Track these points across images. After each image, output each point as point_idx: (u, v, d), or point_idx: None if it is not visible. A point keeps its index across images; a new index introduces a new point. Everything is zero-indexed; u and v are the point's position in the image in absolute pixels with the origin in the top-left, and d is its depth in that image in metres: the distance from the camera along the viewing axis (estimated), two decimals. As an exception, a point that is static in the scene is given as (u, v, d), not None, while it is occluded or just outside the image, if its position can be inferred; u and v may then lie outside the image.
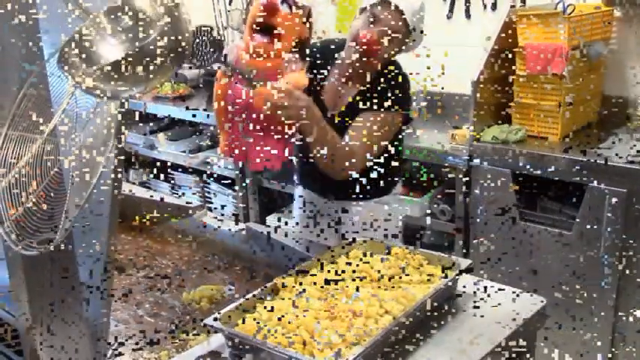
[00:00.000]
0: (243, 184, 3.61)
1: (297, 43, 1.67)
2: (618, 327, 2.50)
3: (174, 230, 2.30)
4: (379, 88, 1.98)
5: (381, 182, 1.97)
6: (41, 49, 0.97)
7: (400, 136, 2.13)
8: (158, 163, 4.22)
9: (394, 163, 2.11)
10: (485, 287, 1.60)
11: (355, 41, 1.95)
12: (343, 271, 1.56)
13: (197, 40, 1.20)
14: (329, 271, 1.57)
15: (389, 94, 1.94)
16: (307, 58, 1.72)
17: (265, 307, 1.42)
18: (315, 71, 1.99)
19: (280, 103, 1.57)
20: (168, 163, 4.08)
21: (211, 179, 3.87)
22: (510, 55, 2.71)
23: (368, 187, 1.86)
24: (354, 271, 1.55)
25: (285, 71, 1.65)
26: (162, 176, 4.23)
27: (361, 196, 1.96)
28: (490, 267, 2.76)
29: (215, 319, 1.36)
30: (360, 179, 1.80)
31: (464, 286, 1.59)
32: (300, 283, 1.53)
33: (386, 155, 1.92)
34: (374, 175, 1.83)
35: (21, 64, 0.97)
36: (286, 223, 2.48)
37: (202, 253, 2.14)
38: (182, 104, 4.03)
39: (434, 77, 3.55)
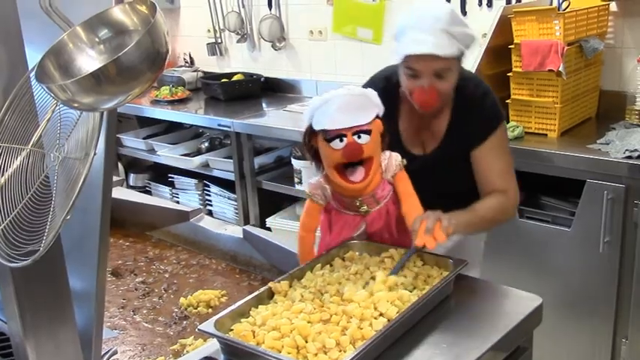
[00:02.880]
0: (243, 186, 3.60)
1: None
2: (619, 322, 2.49)
3: (172, 235, 2.31)
4: (468, 111, 1.82)
5: None
6: (25, 59, 0.97)
7: None
8: (158, 167, 4.23)
9: None
10: (482, 286, 1.59)
11: (412, 99, 1.77)
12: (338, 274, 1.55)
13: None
14: (323, 274, 1.57)
15: (481, 112, 1.83)
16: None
17: (259, 312, 1.41)
18: (386, 115, 1.73)
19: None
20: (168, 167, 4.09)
21: (211, 182, 3.87)
22: (506, 52, 2.70)
23: None
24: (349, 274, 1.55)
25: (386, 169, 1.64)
26: (162, 180, 4.24)
27: None
28: (489, 264, 2.75)
29: (209, 325, 1.36)
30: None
31: (460, 286, 1.58)
32: (295, 287, 1.52)
33: None
34: None
35: (5, 74, 0.97)
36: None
37: (200, 257, 2.14)
38: (181, 107, 4.03)
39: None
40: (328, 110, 1.52)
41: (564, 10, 2.58)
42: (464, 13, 3.28)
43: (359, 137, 1.51)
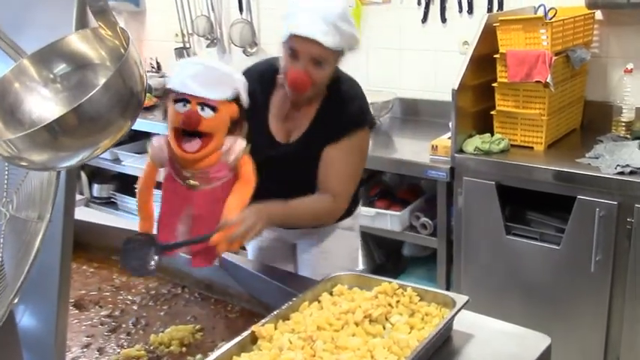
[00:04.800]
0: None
1: (231, 123, 1.58)
2: (610, 343, 2.41)
3: (140, 260, 2.13)
4: (334, 108, 1.87)
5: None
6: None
7: None
8: (123, 177, 4.04)
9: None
10: (483, 324, 1.47)
11: (285, 79, 1.82)
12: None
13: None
14: (312, 314, 1.42)
15: (347, 111, 1.86)
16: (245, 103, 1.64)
17: (243, 363, 1.26)
18: (257, 98, 1.84)
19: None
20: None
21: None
22: (491, 61, 2.59)
23: None
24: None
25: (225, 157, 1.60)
26: (127, 191, 4.05)
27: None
28: (472, 283, 2.65)
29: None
30: None
31: (459, 324, 1.45)
32: (281, 330, 1.38)
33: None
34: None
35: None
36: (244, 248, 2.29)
37: (171, 285, 1.97)
38: (147, 115, 3.85)
39: (408, 83, 3.46)
40: (183, 73, 1.54)
41: (551, 19, 2.48)
42: (443, 19, 3.17)
43: (202, 109, 1.51)
